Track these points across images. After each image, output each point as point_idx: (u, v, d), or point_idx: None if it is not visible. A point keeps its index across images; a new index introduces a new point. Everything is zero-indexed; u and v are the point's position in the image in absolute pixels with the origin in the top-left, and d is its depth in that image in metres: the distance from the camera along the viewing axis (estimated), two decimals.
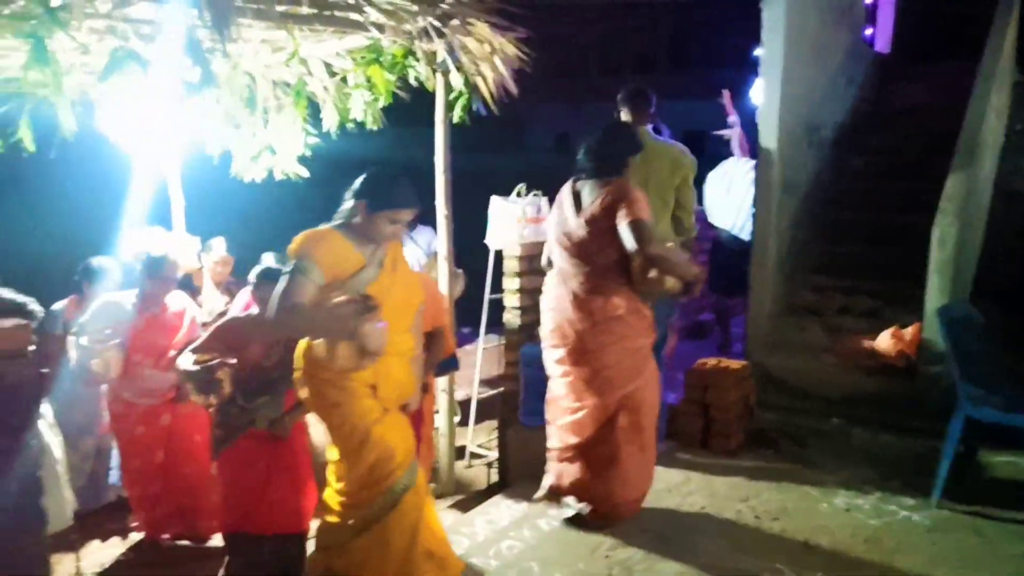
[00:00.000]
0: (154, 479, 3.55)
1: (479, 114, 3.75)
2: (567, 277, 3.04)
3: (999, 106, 4.35)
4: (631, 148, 3.07)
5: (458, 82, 3.65)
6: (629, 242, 2.83)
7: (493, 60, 3.51)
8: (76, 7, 2.42)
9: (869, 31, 6.17)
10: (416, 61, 3.66)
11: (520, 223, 4.25)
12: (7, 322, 2.39)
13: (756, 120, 4.64)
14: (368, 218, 2.42)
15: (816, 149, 5.05)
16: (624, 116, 3.82)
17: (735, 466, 3.68)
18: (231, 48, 2.71)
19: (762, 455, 3.82)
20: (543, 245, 3.42)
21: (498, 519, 3.62)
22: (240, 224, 6.00)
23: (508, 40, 3.51)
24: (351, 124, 4.02)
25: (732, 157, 5.38)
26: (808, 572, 2.77)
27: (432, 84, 3.75)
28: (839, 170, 5.29)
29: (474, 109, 3.72)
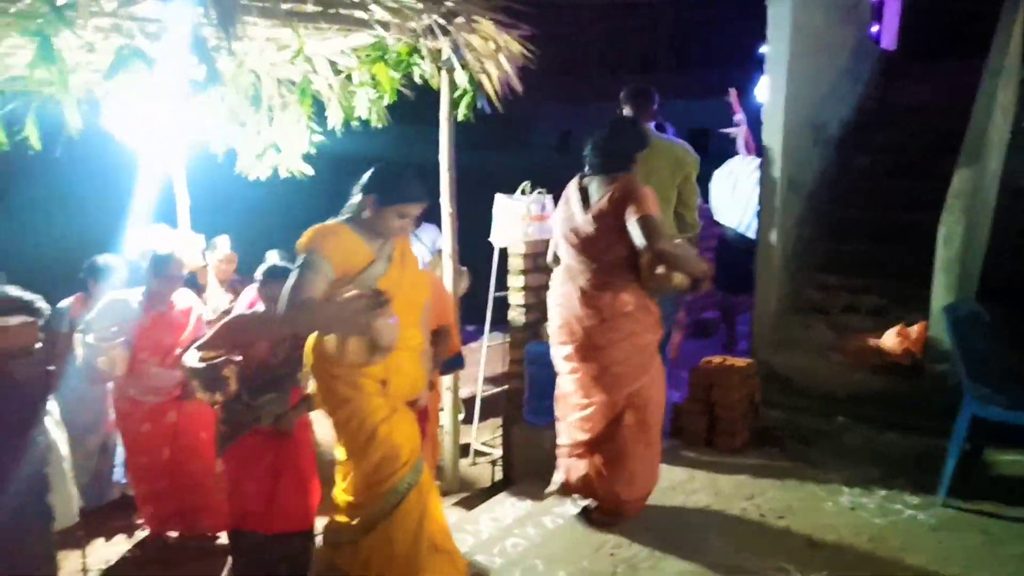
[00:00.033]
0: (160, 476, 3.56)
1: (483, 112, 3.76)
2: (575, 273, 3.03)
3: (1005, 103, 4.33)
4: (638, 144, 3.06)
5: (463, 80, 3.66)
6: (638, 238, 2.82)
7: (498, 58, 3.51)
8: (82, 5, 2.43)
9: (875, 28, 6.15)
10: (421, 59, 3.66)
11: (524, 221, 4.25)
12: (14, 320, 2.39)
13: (761, 118, 4.63)
14: (377, 213, 2.41)
15: (822, 147, 5.03)
16: (627, 114, 3.82)
17: (740, 464, 3.67)
18: (236, 46, 2.72)
19: (767, 453, 3.81)
20: (547, 243, 3.42)
21: (502, 517, 3.62)
22: (244, 222, 6.01)
23: (512, 38, 3.51)
24: (356, 122, 4.02)
25: (738, 155, 5.38)
26: (813, 571, 2.76)
27: (437, 82, 3.75)
28: (845, 168, 5.27)
29: (479, 107, 3.72)
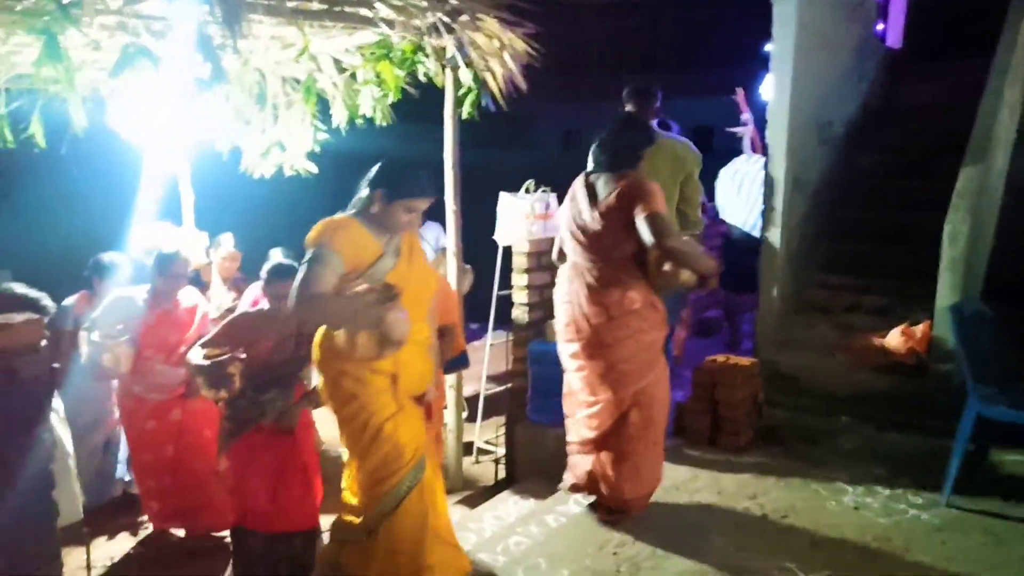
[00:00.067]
0: (164, 473, 3.57)
1: (487, 110, 3.75)
2: (582, 271, 3.02)
3: (1012, 102, 4.31)
4: (645, 141, 3.05)
5: (467, 78, 3.65)
6: (647, 235, 2.81)
7: (502, 56, 3.51)
8: (88, 3, 2.44)
9: (880, 26, 6.12)
10: (425, 57, 3.66)
11: (528, 219, 4.25)
12: (19, 317, 2.40)
13: (766, 116, 4.62)
14: (385, 207, 2.41)
15: (826, 146, 5.02)
16: (629, 112, 3.82)
17: (743, 464, 3.67)
18: (241, 44, 2.72)
19: (770, 453, 3.81)
20: (551, 241, 3.41)
21: (505, 515, 3.63)
22: (248, 220, 6.01)
23: (516, 36, 3.51)
24: (360, 120, 4.02)
25: (744, 154, 5.37)
26: (815, 570, 2.76)
27: (441, 80, 3.75)
28: (849, 167, 5.25)
29: (483, 105, 3.72)
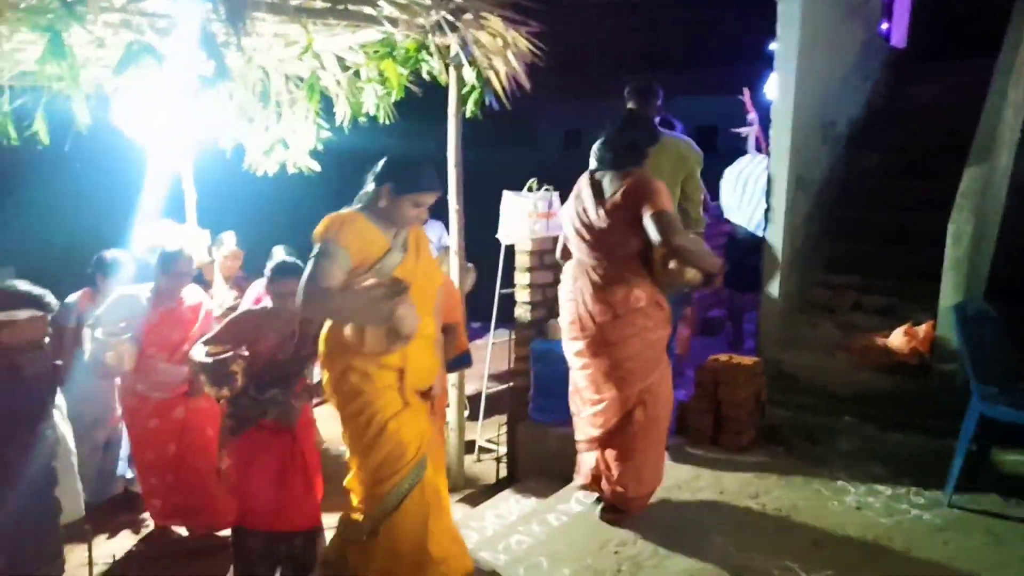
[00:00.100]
0: (167, 471, 3.57)
1: (491, 109, 3.75)
2: (587, 268, 3.01)
3: (1016, 101, 4.29)
4: (650, 138, 3.05)
5: (470, 76, 3.65)
6: (654, 234, 2.80)
7: (506, 54, 3.50)
8: (92, 1, 2.44)
9: (885, 26, 6.10)
10: (429, 55, 3.66)
11: (531, 218, 4.25)
12: (22, 313, 2.40)
13: (770, 115, 4.62)
14: (393, 202, 2.41)
15: (830, 145, 5.01)
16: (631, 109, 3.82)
17: (745, 463, 3.67)
18: (245, 42, 2.72)
19: (773, 452, 3.81)
20: (554, 240, 3.41)
21: (507, 514, 3.64)
22: (251, 218, 6.02)
23: (520, 34, 3.51)
24: (363, 118, 4.03)
25: (748, 154, 5.37)
26: (817, 570, 2.76)
27: (444, 78, 3.75)
28: (853, 167, 5.24)
29: (487, 103, 3.72)
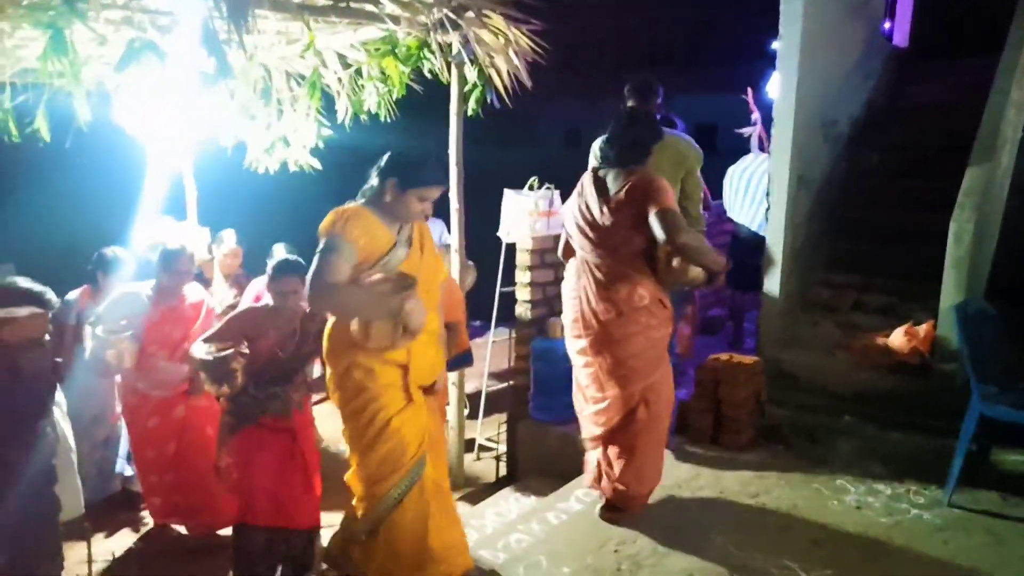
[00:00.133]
0: (167, 469, 3.57)
1: (492, 107, 3.75)
2: (590, 266, 3.01)
3: (1019, 101, 4.29)
4: (653, 136, 3.05)
5: (472, 75, 3.65)
6: (659, 232, 2.80)
7: (507, 52, 3.50)
8: None
9: (887, 25, 6.10)
10: (431, 53, 3.66)
11: (532, 216, 4.25)
12: (23, 311, 2.40)
13: (772, 114, 4.61)
14: (398, 196, 2.40)
15: (832, 144, 5.00)
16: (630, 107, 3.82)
17: (745, 462, 3.67)
18: (247, 40, 2.72)
19: (773, 451, 3.81)
20: (555, 238, 3.41)
21: (507, 512, 3.64)
22: (251, 215, 6.02)
23: (522, 33, 3.50)
24: (364, 116, 4.03)
25: (751, 153, 5.37)
26: (817, 569, 2.76)
27: (446, 77, 3.75)
28: (854, 166, 5.24)
29: (488, 102, 3.71)
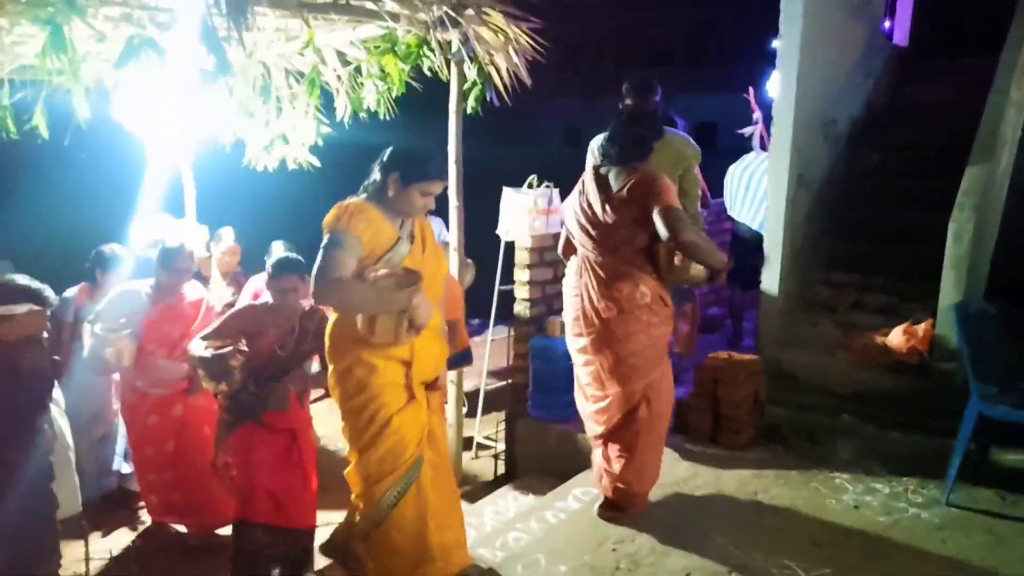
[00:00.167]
0: (165, 468, 3.57)
1: (492, 105, 3.74)
2: (592, 264, 3.00)
3: (1018, 100, 4.29)
4: (655, 134, 3.05)
5: (472, 73, 3.64)
6: (663, 230, 2.80)
7: (507, 50, 3.49)
8: None
9: (887, 24, 6.09)
10: (430, 51, 3.65)
11: (531, 214, 4.24)
12: (21, 308, 2.40)
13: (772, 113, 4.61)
14: (400, 191, 2.39)
15: (832, 144, 5.00)
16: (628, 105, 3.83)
17: (744, 461, 3.67)
18: (246, 37, 2.71)
19: (772, 451, 3.81)
20: (555, 236, 3.41)
21: (505, 510, 3.64)
22: (250, 213, 6.02)
23: (522, 31, 3.50)
24: (364, 114, 4.02)
25: (752, 152, 5.37)
26: (816, 569, 2.76)
27: (445, 74, 3.74)
28: (854, 165, 5.24)
29: (488, 99, 3.71)
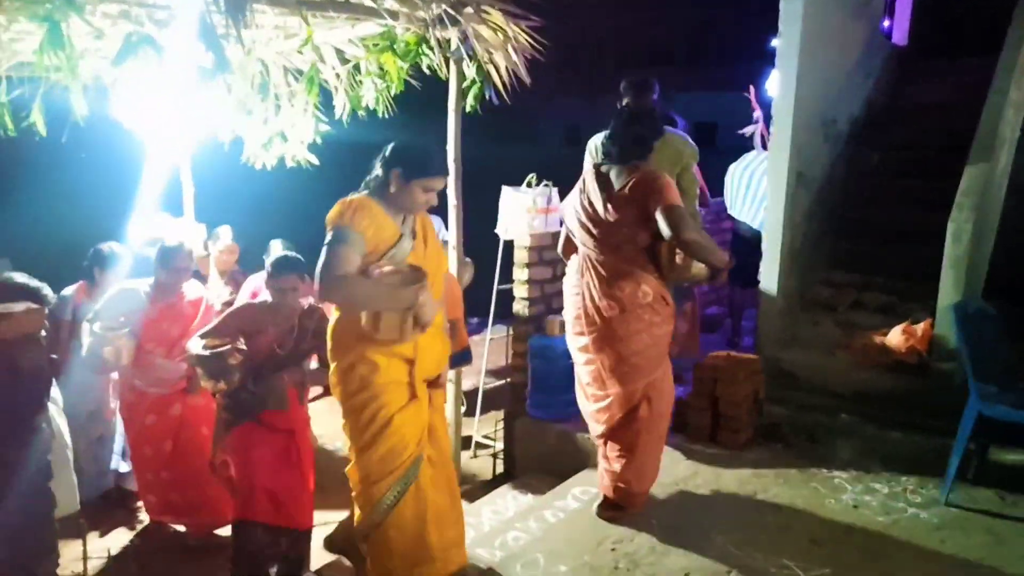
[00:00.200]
0: (163, 467, 3.56)
1: (491, 104, 3.73)
2: (593, 263, 3.00)
3: (1017, 100, 4.29)
4: (655, 133, 3.05)
5: (471, 71, 3.63)
6: (665, 229, 2.79)
7: (507, 49, 3.48)
8: None
9: (887, 23, 6.09)
10: (429, 49, 3.64)
11: (530, 213, 4.24)
12: (19, 306, 2.39)
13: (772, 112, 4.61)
14: (402, 187, 2.39)
15: (831, 143, 5.00)
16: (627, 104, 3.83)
17: (744, 460, 3.67)
18: (245, 34, 2.70)
19: (771, 450, 3.81)
20: (554, 235, 3.40)
21: (504, 510, 3.64)
22: (249, 211, 6.01)
23: (522, 29, 3.49)
24: (363, 112, 4.01)
25: (752, 151, 5.37)
26: (815, 568, 2.76)
27: (445, 73, 3.73)
28: (854, 165, 5.24)
29: (487, 98, 3.70)
